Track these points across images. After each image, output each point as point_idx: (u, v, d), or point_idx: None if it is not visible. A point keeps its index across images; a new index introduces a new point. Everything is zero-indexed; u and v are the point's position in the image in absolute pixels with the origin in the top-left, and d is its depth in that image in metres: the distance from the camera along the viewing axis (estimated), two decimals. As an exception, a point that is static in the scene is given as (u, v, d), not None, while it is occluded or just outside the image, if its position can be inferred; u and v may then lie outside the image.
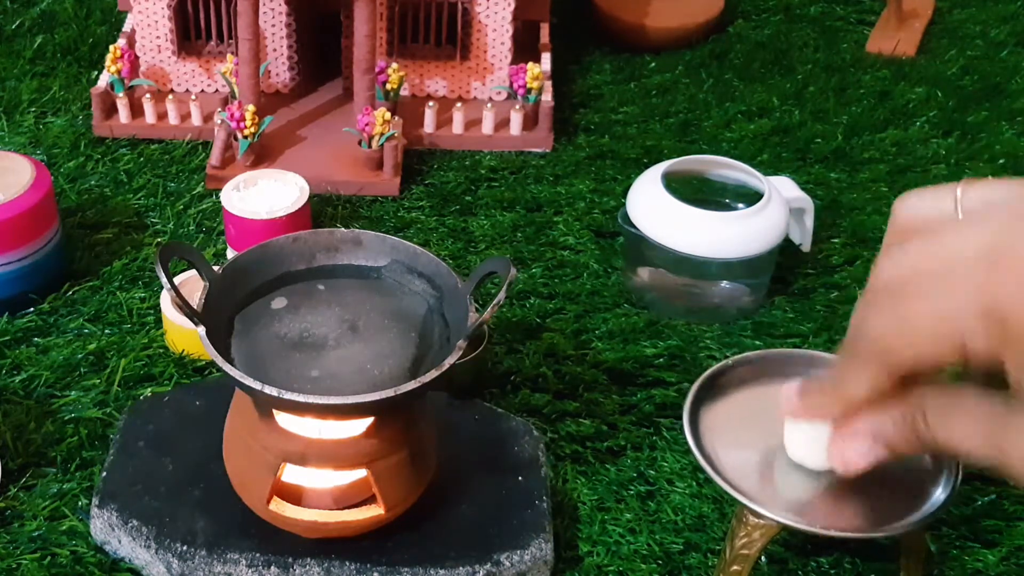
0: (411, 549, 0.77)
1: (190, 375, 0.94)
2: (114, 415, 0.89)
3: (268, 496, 0.74)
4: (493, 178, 1.20)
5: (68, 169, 1.17)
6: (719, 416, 0.70)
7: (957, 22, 1.51)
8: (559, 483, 0.87)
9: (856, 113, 1.32)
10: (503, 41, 1.25)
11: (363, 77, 1.18)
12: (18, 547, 0.80)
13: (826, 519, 0.64)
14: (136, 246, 1.08)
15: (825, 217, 1.15)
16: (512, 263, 0.72)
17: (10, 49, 1.35)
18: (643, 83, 1.36)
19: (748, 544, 0.69)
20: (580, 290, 1.06)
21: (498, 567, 0.77)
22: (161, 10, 1.23)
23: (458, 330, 0.73)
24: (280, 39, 1.26)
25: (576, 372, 0.96)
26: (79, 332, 0.98)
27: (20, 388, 0.92)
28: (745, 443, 0.68)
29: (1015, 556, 0.83)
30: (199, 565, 0.76)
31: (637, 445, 0.90)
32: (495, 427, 0.87)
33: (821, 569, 0.81)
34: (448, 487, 0.81)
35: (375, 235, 0.79)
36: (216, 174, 1.16)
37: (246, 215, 1.01)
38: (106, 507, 0.80)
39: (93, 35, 1.37)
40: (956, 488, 0.66)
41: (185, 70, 1.27)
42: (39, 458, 0.87)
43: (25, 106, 1.25)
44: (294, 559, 0.76)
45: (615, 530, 0.84)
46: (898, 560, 0.77)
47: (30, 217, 0.97)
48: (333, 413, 0.70)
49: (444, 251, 1.09)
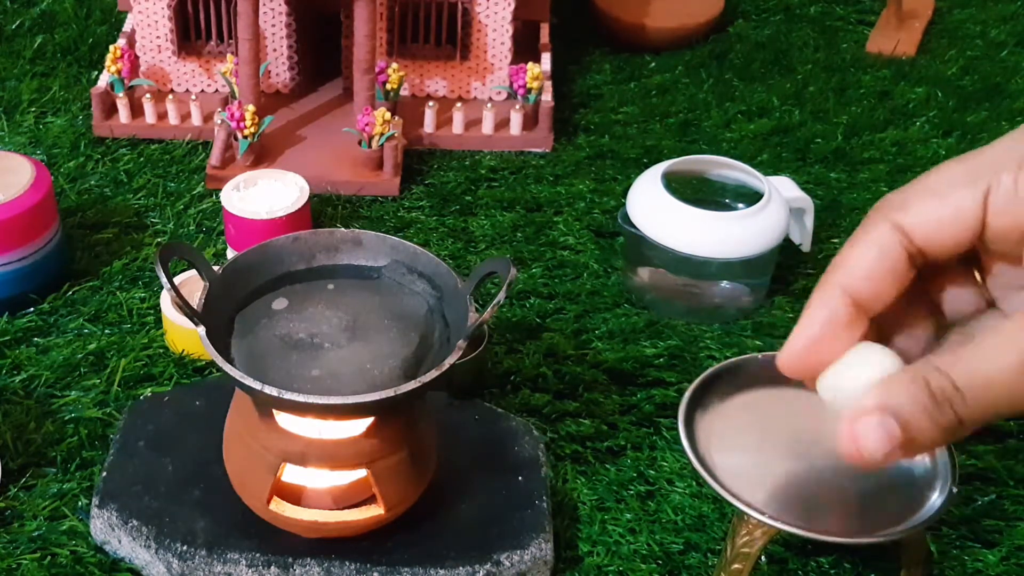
0: (411, 549, 0.77)
1: (190, 375, 0.94)
2: (114, 415, 0.89)
3: (268, 496, 0.74)
4: (493, 178, 1.20)
5: (68, 169, 1.17)
6: (716, 418, 0.70)
7: (957, 22, 1.51)
8: (559, 483, 0.87)
9: (856, 113, 1.32)
10: (503, 41, 1.25)
11: (363, 77, 1.18)
12: (18, 547, 0.80)
13: (826, 522, 0.64)
14: (136, 246, 1.08)
15: (825, 217, 1.15)
16: (512, 263, 0.72)
17: (10, 49, 1.35)
18: (643, 83, 1.36)
19: (749, 543, 0.69)
20: (580, 290, 1.06)
21: (498, 567, 0.77)
22: (161, 10, 1.23)
23: (458, 330, 0.73)
24: (280, 39, 1.26)
25: (576, 372, 0.96)
26: (79, 332, 0.98)
27: (20, 388, 0.92)
28: (743, 445, 0.68)
29: (1015, 556, 0.83)
30: (199, 565, 0.76)
31: (637, 445, 0.90)
32: (495, 427, 0.87)
33: (821, 569, 0.81)
34: (448, 487, 0.81)
35: (375, 235, 0.79)
36: (216, 174, 1.16)
37: (246, 215, 1.01)
38: (106, 507, 0.80)
39: (93, 35, 1.37)
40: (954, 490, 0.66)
41: (185, 70, 1.27)
42: (39, 458, 0.87)
43: (25, 106, 1.25)
44: (294, 559, 0.76)
45: (615, 530, 0.84)
46: (898, 560, 0.77)
47: (30, 217, 0.97)
48: (333, 413, 0.70)
49: (444, 251, 1.09)
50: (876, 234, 0.39)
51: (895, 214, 0.39)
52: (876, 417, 0.37)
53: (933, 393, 0.36)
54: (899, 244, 0.39)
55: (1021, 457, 0.90)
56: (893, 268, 0.39)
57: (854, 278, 0.40)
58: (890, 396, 0.37)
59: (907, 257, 0.39)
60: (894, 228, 0.39)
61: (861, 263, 0.40)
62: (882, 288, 0.40)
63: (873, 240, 0.39)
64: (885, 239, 0.39)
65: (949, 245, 0.39)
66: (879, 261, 0.39)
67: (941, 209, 0.39)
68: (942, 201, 0.39)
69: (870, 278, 0.40)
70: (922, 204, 0.39)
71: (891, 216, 0.39)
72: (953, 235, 0.39)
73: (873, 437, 0.37)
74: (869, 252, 0.40)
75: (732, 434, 0.69)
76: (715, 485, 0.65)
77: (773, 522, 0.64)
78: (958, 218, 0.39)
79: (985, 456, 0.90)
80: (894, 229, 0.39)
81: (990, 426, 0.92)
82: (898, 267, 0.39)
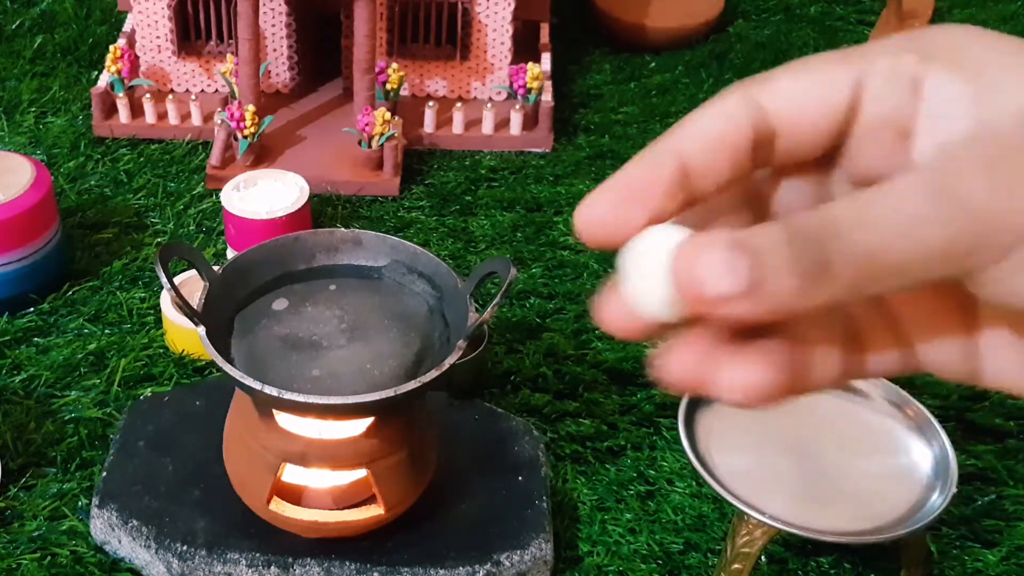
0: (411, 549, 0.77)
1: (190, 375, 0.94)
2: (114, 415, 0.89)
3: (268, 496, 0.74)
4: (493, 178, 1.20)
5: (68, 169, 1.17)
6: (716, 418, 0.70)
7: (957, 22, 1.51)
8: (559, 483, 0.87)
9: (856, 113, 1.32)
10: (503, 41, 1.25)
11: (363, 77, 1.18)
12: (18, 547, 0.80)
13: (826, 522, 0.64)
14: (136, 246, 1.08)
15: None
16: (512, 263, 0.72)
17: (10, 49, 1.35)
18: (643, 83, 1.36)
19: (749, 543, 0.69)
20: (580, 290, 1.06)
21: (498, 567, 0.77)
22: (161, 10, 1.23)
23: (458, 330, 0.73)
24: (280, 39, 1.26)
25: (576, 372, 0.96)
26: (79, 332, 0.98)
27: (20, 388, 0.92)
28: (743, 445, 0.68)
29: (1015, 556, 0.83)
30: (199, 565, 0.76)
31: (637, 445, 0.90)
32: (495, 427, 0.87)
33: (821, 569, 0.81)
34: (448, 487, 0.81)
35: (375, 235, 0.79)
36: (216, 174, 1.16)
37: (246, 215, 1.01)
38: (106, 507, 0.80)
39: (93, 35, 1.37)
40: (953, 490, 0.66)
41: (185, 70, 1.27)
42: (39, 458, 0.87)
43: (25, 106, 1.25)
44: (294, 559, 0.76)
45: (615, 530, 0.84)
46: (898, 560, 0.77)
47: (30, 217, 0.97)
48: (333, 413, 0.70)
49: (444, 251, 1.09)
50: (728, 104, 0.32)
51: (754, 87, 0.32)
52: (722, 248, 0.28)
53: (798, 229, 0.28)
54: (749, 121, 0.32)
55: (1021, 457, 0.90)
56: (736, 146, 0.32)
57: (690, 144, 0.32)
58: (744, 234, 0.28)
59: (753, 139, 0.32)
60: (750, 102, 0.32)
61: (703, 130, 0.32)
62: (718, 165, 0.32)
63: (721, 110, 0.32)
64: (737, 111, 0.32)
65: (808, 133, 0.32)
66: (723, 133, 0.32)
67: (808, 86, 0.32)
68: (810, 77, 0.32)
69: (709, 149, 0.32)
70: (786, 79, 0.32)
71: (750, 89, 0.32)
72: (815, 121, 0.32)
73: (717, 271, 0.28)
74: (714, 122, 0.32)
75: (732, 434, 0.69)
76: (715, 485, 0.65)
77: (773, 522, 0.64)
78: (825, 98, 0.31)
79: (985, 456, 0.90)
80: (750, 103, 0.32)
81: (990, 426, 0.92)
82: (741, 145, 0.31)
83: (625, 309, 0.30)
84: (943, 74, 0.30)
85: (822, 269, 0.27)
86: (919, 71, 0.30)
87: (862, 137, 0.32)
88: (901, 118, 0.31)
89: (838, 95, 0.31)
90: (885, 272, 0.27)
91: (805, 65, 0.32)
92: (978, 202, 0.27)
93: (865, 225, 0.27)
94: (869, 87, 0.31)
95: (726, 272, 0.27)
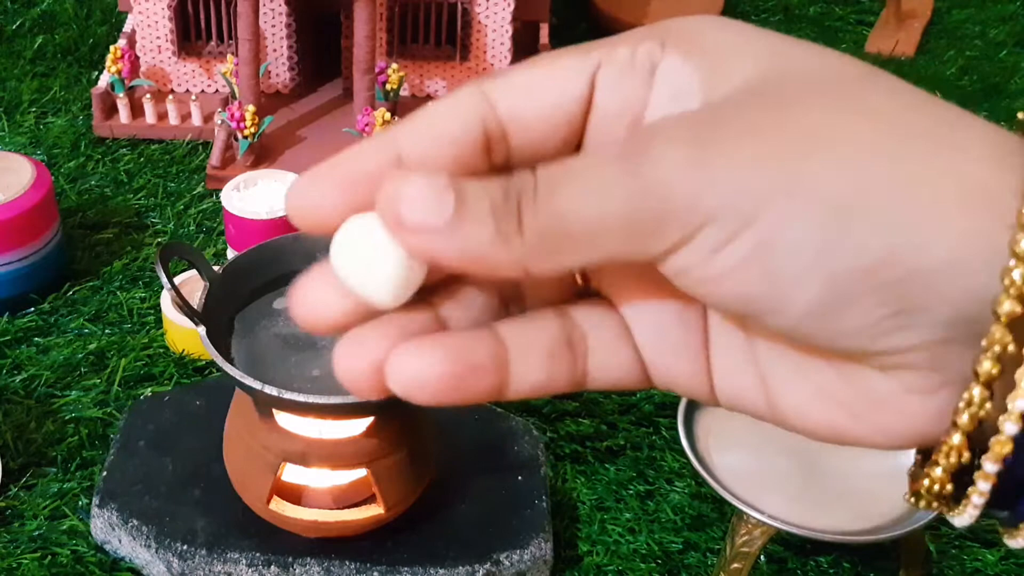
0: (411, 549, 0.77)
1: (190, 375, 0.94)
2: (114, 415, 0.90)
3: (268, 496, 0.74)
4: (493, 178, 1.20)
5: (68, 169, 1.17)
6: (715, 418, 0.70)
7: (956, 22, 1.51)
8: (559, 483, 0.87)
9: (855, 113, 1.32)
10: (503, 41, 1.26)
11: (363, 77, 1.18)
12: (18, 547, 0.80)
13: (825, 521, 0.65)
14: (136, 246, 1.08)
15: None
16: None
17: (10, 49, 1.35)
18: (643, 83, 1.36)
19: (749, 542, 0.69)
20: (580, 290, 1.06)
21: (498, 567, 0.77)
22: (161, 10, 1.23)
23: (458, 330, 0.73)
24: (280, 39, 1.26)
25: (576, 372, 0.96)
26: (79, 332, 0.98)
27: (20, 388, 0.92)
28: (743, 445, 0.68)
29: (1014, 556, 0.83)
30: (199, 565, 0.76)
31: (636, 445, 0.90)
32: (495, 427, 0.87)
33: (821, 568, 0.81)
34: (448, 487, 0.81)
35: (375, 235, 0.79)
36: (216, 174, 1.16)
37: (246, 215, 1.01)
38: (106, 507, 0.80)
39: (93, 35, 1.37)
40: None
41: (185, 70, 1.27)
42: (39, 458, 0.87)
43: (25, 106, 1.26)
44: (294, 559, 0.76)
45: (614, 529, 0.84)
46: (898, 560, 0.77)
47: (30, 217, 0.97)
48: (333, 413, 0.70)
49: (444, 251, 1.09)
50: (459, 100, 0.31)
51: (488, 83, 0.31)
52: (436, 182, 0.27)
53: (512, 184, 0.27)
54: (478, 117, 0.30)
55: (1020, 457, 0.90)
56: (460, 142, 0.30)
57: (413, 139, 0.30)
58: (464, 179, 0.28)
59: (483, 136, 0.30)
60: (481, 98, 0.31)
61: (427, 126, 0.31)
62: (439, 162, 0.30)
63: (451, 107, 0.31)
64: (466, 108, 0.30)
65: (540, 127, 0.31)
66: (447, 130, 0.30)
67: (541, 80, 0.30)
68: (544, 71, 0.31)
69: (430, 146, 0.30)
70: (521, 74, 0.31)
71: (484, 85, 0.31)
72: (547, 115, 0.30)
73: (424, 200, 0.27)
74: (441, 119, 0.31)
75: (732, 434, 0.69)
76: (715, 484, 0.65)
77: (772, 521, 0.64)
78: (558, 91, 0.30)
79: (984, 456, 0.90)
80: (480, 100, 0.31)
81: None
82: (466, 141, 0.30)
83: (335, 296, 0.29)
84: (676, 59, 0.29)
85: (516, 225, 0.27)
86: (656, 58, 0.30)
87: (598, 127, 0.31)
88: (636, 106, 0.30)
89: (572, 87, 0.30)
90: (573, 240, 0.27)
91: (545, 59, 0.31)
92: (664, 175, 0.26)
93: (559, 188, 0.27)
94: (603, 77, 0.30)
95: (432, 202, 0.27)
